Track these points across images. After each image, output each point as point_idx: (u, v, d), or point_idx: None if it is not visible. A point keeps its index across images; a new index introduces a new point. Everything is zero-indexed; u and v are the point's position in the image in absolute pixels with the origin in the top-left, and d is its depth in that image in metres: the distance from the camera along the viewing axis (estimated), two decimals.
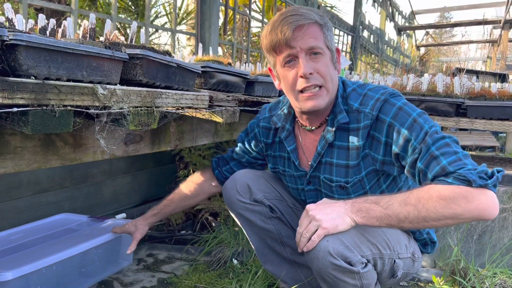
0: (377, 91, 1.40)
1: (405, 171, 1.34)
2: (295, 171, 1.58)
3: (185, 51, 5.77)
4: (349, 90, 1.44)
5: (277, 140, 1.64)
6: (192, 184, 1.85)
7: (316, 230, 1.28)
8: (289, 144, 1.56)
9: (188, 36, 6.69)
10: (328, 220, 1.27)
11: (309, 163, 1.53)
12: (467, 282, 1.96)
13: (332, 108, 1.44)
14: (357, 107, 1.40)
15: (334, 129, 1.42)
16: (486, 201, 1.14)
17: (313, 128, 1.50)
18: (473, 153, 3.89)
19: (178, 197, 1.84)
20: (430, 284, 2.07)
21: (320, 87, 1.36)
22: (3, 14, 1.27)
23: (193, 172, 3.08)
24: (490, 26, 11.45)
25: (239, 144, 1.77)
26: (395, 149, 1.32)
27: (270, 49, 1.39)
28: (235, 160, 1.79)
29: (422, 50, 14.48)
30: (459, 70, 5.07)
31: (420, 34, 14.52)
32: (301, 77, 1.34)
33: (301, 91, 1.37)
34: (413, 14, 13.98)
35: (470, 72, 5.90)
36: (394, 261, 1.41)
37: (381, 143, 1.36)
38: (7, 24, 1.21)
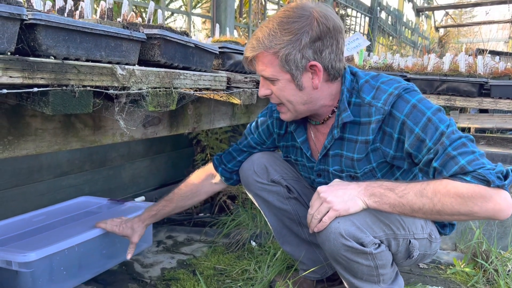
0: (391, 84, 1.35)
1: (418, 169, 1.33)
2: (307, 161, 1.57)
3: (200, 35, 5.73)
4: (361, 82, 1.39)
5: (290, 130, 1.62)
6: (191, 183, 1.78)
7: (327, 212, 1.28)
8: (299, 136, 1.54)
9: (203, 20, 6.65)
10: (339, 203, 1.27)
11: (317, 154, 1.52)
12: (489, 264, 1.93)
13: (338, 103, 1.41)
14: (369, 100, 1.35)
15: (340, 126, 1.40)
16: (502, 202, 1.14)
17: (319, 122, 1.48)
18: (495, 135, 3.81)
19: (177, 197, 1.77)
20: (451, 267, 2.05)
21: (281, 104, 1.40)
22: None
23: (210, 155, 3.09)
24: None
25: (249, 137, 1.72)
26: (407, 148, 1.29)
27: None
28: (244, 152, 1.73)
29: (441, 31, 14.14)
30: (481, 51, 4.94)
31: (439, 15, 14.16)
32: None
33: None
34: None
35: (492, 53, 5.76)
36: (410, 241, 1.39)
37: (393, 139, 1.33)
38: (25, 5, 1.21)
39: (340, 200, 1.27)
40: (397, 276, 1.49)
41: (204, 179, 1.79)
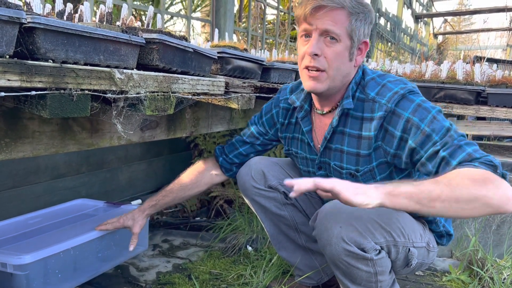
0: (397, 84, 1.37)
1: (418, 164, 1.30)
2: (309, 153, 1.57)
3: (200, 39, 5.74)
4: (367, 79, 1.42)
5: (293, 121, 1.62)
6: (192, 174, 1.77)
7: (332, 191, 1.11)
8: (305, 125, 1.55)
9: (202, 24, 6.67)
10: (348, 188, 1.09)
11: (319, 146, 1.53)
12: (484, 272, 1.93)
13: (343, 94, 1.43)
14: (373, 96, 1.37)
15: (339, 114, 1.41)
16: (508, 191, 1.12)
17: (324, 112, 1.49)
18: (492, 142, 3.82)
19: (177, 187, 1.76)
20: (446, 274, 2.05)
21: (322, 71, 1.34)
22: None
23: None
24: (511, 13, 11.14)
25: (253, 127, 1.72)
26: (411, 144, 1.30)
27: (296, 19, 1.40)
28: (247, 143, 1.72)
29: (440, 38, 14.20)
30: (479, 59, 4.96)
31: (438, 21, 14.22)
32: (308, 54, 1.33)
33: (306, 68, 1.37)
34: (431, 1, 13.69)
35: (490, 60, 5.78)
36: (409, 249, 1.40)
37: (395, 138, 1.33)
38: (25, 8, 1.21)
39: (351, 186, 1.10)
40: (394, 283, 1.49)
41: (204, 170, 1.77)
